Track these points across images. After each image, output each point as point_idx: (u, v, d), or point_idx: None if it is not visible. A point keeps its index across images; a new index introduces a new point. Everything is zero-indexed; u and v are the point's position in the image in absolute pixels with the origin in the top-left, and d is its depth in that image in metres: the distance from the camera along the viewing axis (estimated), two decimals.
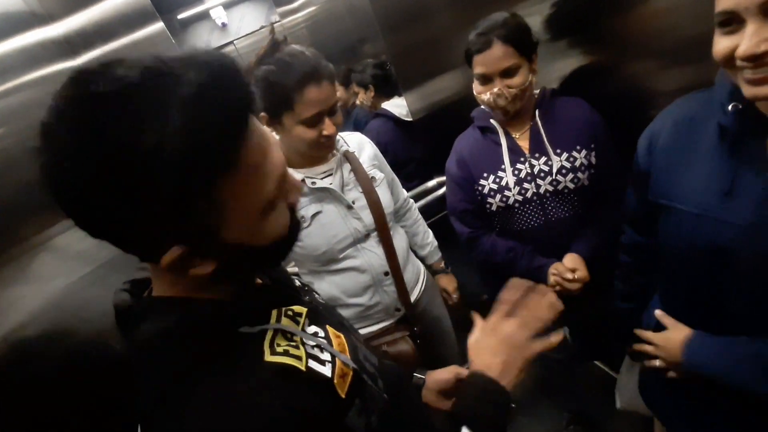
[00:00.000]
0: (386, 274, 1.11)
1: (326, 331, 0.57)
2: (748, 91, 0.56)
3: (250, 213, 0.43)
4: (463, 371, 0.83)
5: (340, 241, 1.05)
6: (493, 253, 1.21)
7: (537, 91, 1.15)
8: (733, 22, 0.55)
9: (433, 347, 1.21)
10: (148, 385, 0.44)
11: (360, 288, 1.10)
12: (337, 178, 1.06)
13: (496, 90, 1.04)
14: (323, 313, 0.62)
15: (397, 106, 2.01)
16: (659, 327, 0.86)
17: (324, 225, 1.03)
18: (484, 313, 2.13)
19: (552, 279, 1.13)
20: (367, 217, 1.08)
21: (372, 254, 1.10)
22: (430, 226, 1.89)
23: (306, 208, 1.02)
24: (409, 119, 1.99)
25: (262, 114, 0.98)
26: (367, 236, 1.09)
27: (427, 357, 1.12)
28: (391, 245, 1.11)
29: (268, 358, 0.47)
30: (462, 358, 1.41)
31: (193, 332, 0.45)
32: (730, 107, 0.64)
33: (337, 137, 1.11)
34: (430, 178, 1.89)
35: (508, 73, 1.03)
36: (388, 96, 2.10)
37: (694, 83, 0.96)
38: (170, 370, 0.44)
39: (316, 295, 0.73)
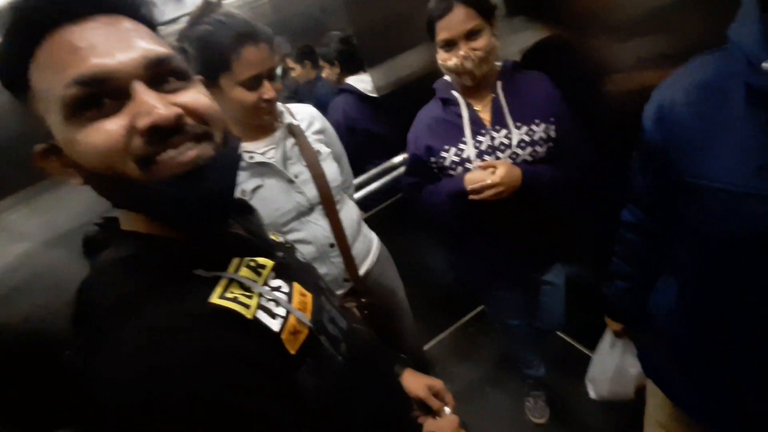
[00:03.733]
0: (332, 245, 1.11)
1: (291, 287, 0.57)
2: None
3: (54, 114, 0.43)
4: (437, 384, 0.85)
5: (283, 215, 1.04)
6: (429, 191, 1.21)
7: (499, 63, 1.15)
8: None
9: (387, 319, 1.21)
10: (92, 308, 0.45)
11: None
12: (279, 152, 1.04)
13: (462, 53, 1.03)
14: (296, 271, 0.62)
15: (362, 81, 1.97)
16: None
17: (265, 199, 1.01)
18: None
19: (469, 187, 1.08)
20: (311, 191, 1.07)
21: (316, 227, 1.09)
22: (396, 203, 1.90)
23: (246, 182, 1.00)
24: (375, 95, 1.97)
25: (199, 77, 0.94)
26: (311, 209, 1.08)
27: (378, 328, 1.13)
28: (337, 218, 1.11)
29: (214, 299, 0.47)
30: (417, 333, 1.44)
31: (145, 264, 0.47)
32: (765, 66, 0.53)
33: (282, 109, 1.09)
34: (397, 154, 1.88)
35: (472, 35, 1.02)
36: (354, 72, 2.06)
37: (654, 55, 0.98)
38: (115, 294, 0.44)
39: (299, 255, 0.74)
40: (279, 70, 0.99)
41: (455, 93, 1.14)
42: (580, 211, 1.23)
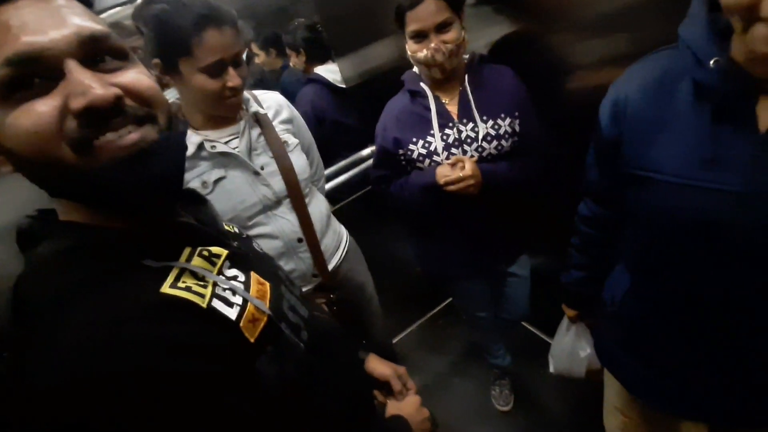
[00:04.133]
0: (300, 240, 1.07)
1: (248, 276, 0.56)
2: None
3: None
4: (401, 370, 0.85)
5: (247, 208, 0.99)
6: (400, 184, 1.22)
7: (466, 57, 1.15)
8: None
9: (356, 314, 1.19)
10: (28, 304, 0.42)
11: (273, 254, 1.04)
12: (243, 142, 0.98)
13: (433, 45, 1.02)
14: (253, 260, 0.61)
15: (331, 71, 1.93)
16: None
17: (229, 191, 0.96)
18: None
19: (442, 180, 1.08)
20: (278, 184, 1.02)
21: (284, 221, 1.05)
22: (365, 195, 1.88)
23: (208, 173, 0.95)
24: (344, 86, 1.93)
25: (156, 60, 0.88)
26: (278, 203, 1.04)
27: (348, 324, 1.12)
28: (305, 212, 1.07)
29: (165, 290, 0.45)
30: (386, 327, 1.45)
31: (87, 256, 0.44)
32: (711, 63, 0.55)
33: (248, 97, 1.04)
34: (366, 146, 1.87)
35: (442, 27, 1.01)
36: (321, 61, 2.02)
37: (620, 53, 0.99)
38: (53, 288, 0.42)
39: (256, 245, 0.71)
40: (243, 57, 0.94)
41: (423, 85, 1.13)
42: (544, 204, 1.26)
